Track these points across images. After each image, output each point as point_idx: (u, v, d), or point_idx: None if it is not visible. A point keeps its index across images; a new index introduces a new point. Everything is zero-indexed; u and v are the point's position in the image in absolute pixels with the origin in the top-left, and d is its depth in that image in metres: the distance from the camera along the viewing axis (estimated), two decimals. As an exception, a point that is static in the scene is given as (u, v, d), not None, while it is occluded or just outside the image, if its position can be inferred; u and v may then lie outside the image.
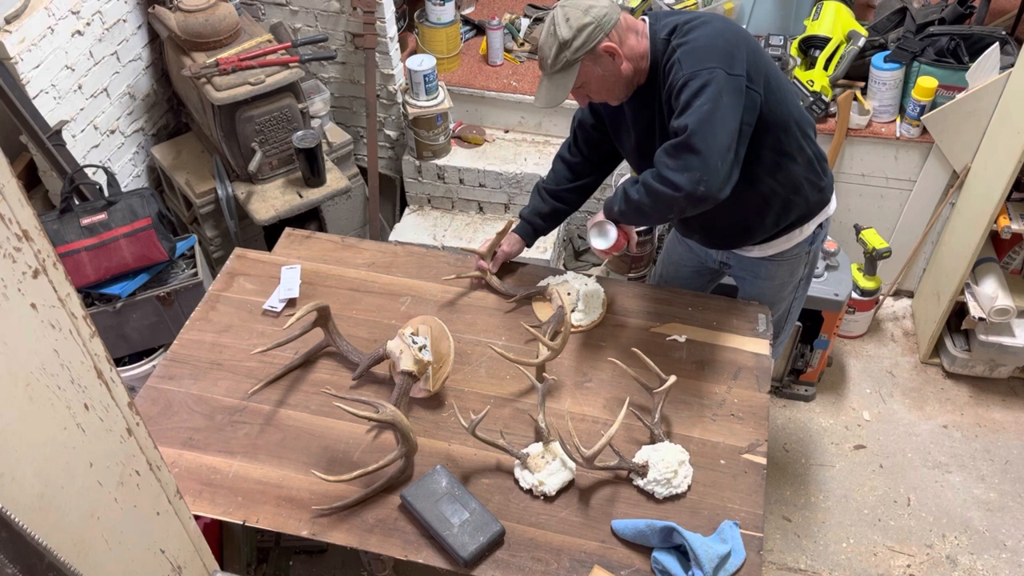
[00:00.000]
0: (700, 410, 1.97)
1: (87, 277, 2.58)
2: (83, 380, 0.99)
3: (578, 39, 1.81)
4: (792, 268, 2.23)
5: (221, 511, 1.79)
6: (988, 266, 3.04)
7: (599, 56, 1.84)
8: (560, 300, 2.09)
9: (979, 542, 2.77)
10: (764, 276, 2.24)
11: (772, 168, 1.97)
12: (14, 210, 0.84)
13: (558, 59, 1.83)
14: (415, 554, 1.71)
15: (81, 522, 1.02)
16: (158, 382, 2.06)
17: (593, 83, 1.89)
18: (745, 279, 2.30)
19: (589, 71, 1.86)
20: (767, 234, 2.12)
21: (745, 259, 2.23)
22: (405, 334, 2.00)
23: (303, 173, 2.94)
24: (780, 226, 2.10)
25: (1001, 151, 2.77)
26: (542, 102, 1.91)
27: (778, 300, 2.29)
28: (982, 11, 3.04)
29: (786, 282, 2.27)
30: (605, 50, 1.83)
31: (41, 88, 2.60)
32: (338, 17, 3.18)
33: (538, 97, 1.92)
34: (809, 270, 2.28)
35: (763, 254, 2.18)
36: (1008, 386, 3.24)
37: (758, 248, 2.17)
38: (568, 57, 1.82)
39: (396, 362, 1.96)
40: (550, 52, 1.83)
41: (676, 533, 1.66)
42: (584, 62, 1.84)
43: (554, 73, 1.86)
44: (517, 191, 3.30)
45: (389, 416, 1.74)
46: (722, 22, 1.86)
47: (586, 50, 1.82)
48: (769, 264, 2.20)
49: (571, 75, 1.85)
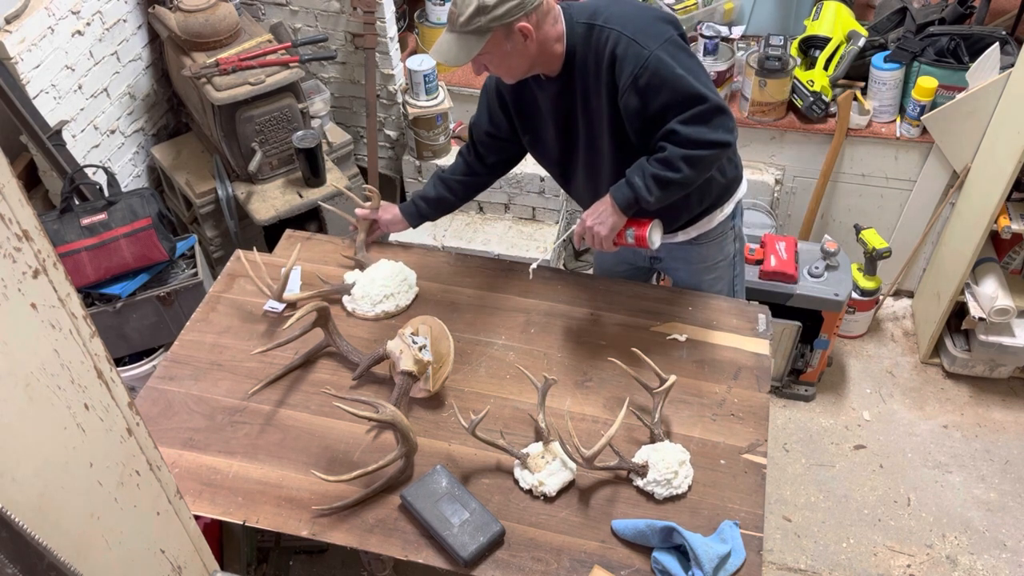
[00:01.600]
0: (700, 410, 1.97)
1: (87, 277, 2.58)
2: (83, 380, 0.99)
3: (499, 9, 1.76)
4: (720, 245, 2.23)
5: (221, 511, 1.79)
6: (988, 266, 3.04)
7: (512, 32, 1.80)
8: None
9: (979, 542, 2.77)
10: (696, 260, 2.24)
11: None
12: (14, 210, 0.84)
13: (472, 21, 1.77)
14: (415, 554, 1.71)
15: (81, 522, 1.02)
16: (158, 382, 2.06)
17: (496, 56, 1.84)
18: (678, 269, 2.30)
19: (498, 43, 1.81)
20: (692, 214, 2.11)
21: (674, 247, 2.21)
22: (405, 334, 2.00)
23: (303, 173, 2.94)
24: (703, 205, 2.11)
25: (1001, 151, 2.77)
26: (441, 57, 1.85)
27: (716, 280, 2.29)
28: (982, 11, 3.04)
29: (718, 261, 2.26)
30: (520, 29, 1.80)
31: (41, 88, 2.60)
32: (338, 17, 3.18)
33: (439, 51, 1.86)
34: (740, 244, 2.30)
35: (688, 237, 2.17)
36: (1008, 386, 3.24)
37: (683, 232, 2.17)
38: (482, 23, 1.77)
39: (396, 362, 1.96)
40: (465, 10, 1.77)
41: (676, 533, 1.66)
42: (496, 32, 1.79)
43: (463, 32, 1.80)
44: (517, 191, 3.30)
45: (389, 416, 1.74)
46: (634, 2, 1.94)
47: (502, 22, 1.78)
48: (699, 248, 2.20)
49: (480, 41, 1.80)
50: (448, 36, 1.84)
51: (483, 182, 2.28)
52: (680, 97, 1.81)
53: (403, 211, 2.28)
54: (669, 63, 1.80)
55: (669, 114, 1.83)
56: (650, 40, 1.81)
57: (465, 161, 2.24)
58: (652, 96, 1.82)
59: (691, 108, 1.81)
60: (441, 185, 2.25)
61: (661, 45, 1.81)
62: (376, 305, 2.19)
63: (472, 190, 2.29)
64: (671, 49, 1.82)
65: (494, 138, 2.17)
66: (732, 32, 3.35)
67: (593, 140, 2.00)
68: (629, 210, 1.92)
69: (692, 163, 1.84)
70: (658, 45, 1.80)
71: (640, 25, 1.84)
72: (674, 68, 1.80)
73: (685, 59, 1.84)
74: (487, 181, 2.29)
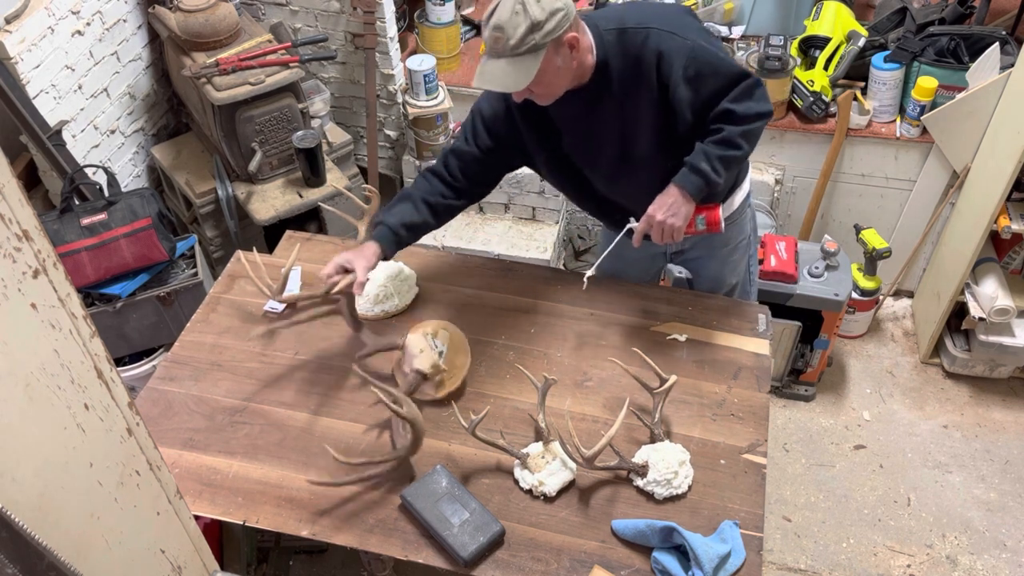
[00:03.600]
0: (700, 410, 1.97)
1: (87, 277, 2.58)
2: (83, 380, 0.99)
3: (550, 22, 1.72)
4: (741, 225, 2.25)
5: (221, 511, 1.79)
6: (988, 266, 3.04)
7: (561, 45, 1.77)
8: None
9: (979, 542, 2.77)
10: (719, 244, 2.25)
11: None
12: (14, 210, 0.84)
13: (525, 40, 1.72)
14: (415, 554, 1.71)
15: (81, 522, 1.02)
16: (159, 383, 2.06)
17: (548, 75, 1.79)
18: (700, 257, 2.30)
19: (550, 59, 1.77)
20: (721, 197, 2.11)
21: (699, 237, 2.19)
22: (428, 334, 1.99)
23: (303, 173, 2.94)
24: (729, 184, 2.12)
25: (1001, 151, 2.77)
26: (496, 85, 1.78)
27: (736, 265, 2.31)
28: (982, 11, 3.04)
29: (739, 241, 2.28)
30: (568, 41, 1.77)
31: (41, 88, 2.60)
32: (338, 17, 3.18)
33: (491, 80, 1.78)
34: (754, 222, 2.33)
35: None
36: (1008, 386, 3.24)
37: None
38: (537, 40, 1.72)
39: (410, 358, 1.95)
40: (515, 32, 1.71)
41: (676, 533, 1.66)
42: (548, 48, 1.75)
43: (516, 55, 1.74)
44: (517, 191, 3.30)
45: (408, 413, 1.73)
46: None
47: (554, 36, 1.74)
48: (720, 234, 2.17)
49: (536, 59, 1.74)
50: (497, 63, 1.76)
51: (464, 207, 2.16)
52: (727, 79, 1.87)
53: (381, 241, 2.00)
54: (710, 50, 1.86)
55: (719, 97, 1.88)
56: (687, 31, 1.86)
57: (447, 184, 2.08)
58: (702, 84, 1.86)
59: (737, 86, 1.87)
60: (426, 208, 2.05)
61: (697, 34, 1.87)
62: (376, 305, 2.19)
63: (453, 215, 2.14)
64: (705, 36, 1.89)
65: (483, 163, 2.06)
66: (732, 32, 3.35)
67: (627, 145, 1.97)
68: (699, 196, 1.93)
69: (748, 137, 1.91)
70: (694, 34, 1.86)
71: (672, 20, 1.88)
72: (716, 53, 1.87)
73: (715, 43, 1.92)
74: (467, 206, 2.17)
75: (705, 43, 1.86)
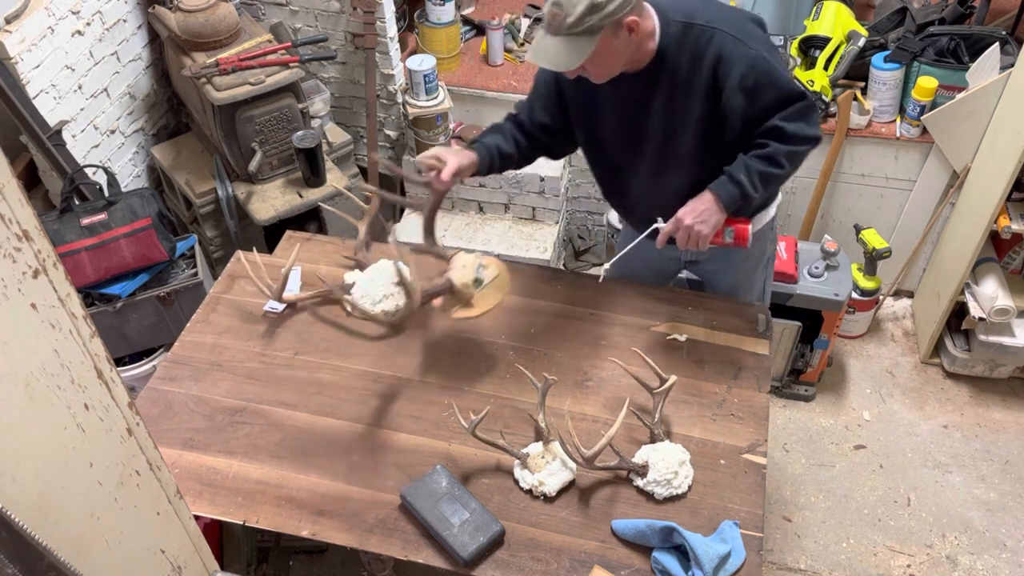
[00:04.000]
0: (700, 410, 1.97)
1: (87, 277, 2.58)
2: (83, 380, 0.99)
3: (611, 5, 1.69)
4: (762, 244, 2.23)
5: (221, 511, 1.79)
6: (988, 266, 3.04)
7: (620, 28, 1.74)
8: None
9: (979, 542, 2.77)
10: (738, 261, 2.23)
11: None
12: (14, 210, 0.84)
13: (583, 21, 1.69)
14: (415, 554, 1.71)
15: (81, 522, 1.02)
16: (159, 383, 2.06)
17: (603, 55, 1.77)
18: (716, 271, 2.28)
19: (606, 41, 1.74)
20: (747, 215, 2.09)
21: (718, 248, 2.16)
22: (480, 262, 2.03)
23: (303, 173, 2.94)
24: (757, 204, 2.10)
25: (1001, 151, 2.77)
26: (548, 62, 1.76)
27: (752, 284, 2.30)
28: (982, 11, 3.04)
29: (757, 262, 2.27)
30: (628, 24, 1.74)
31: (41, 88, 2.60)
32: (338, 17, 3.18)
33: (543, 56, 1.76)
34: (774, 245, 2.32)
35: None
36: (1008, 386, 3.24)
37: None
38: (594, 22, 1.69)
39: (451, 268, 2.01)
40: (574, 11, 1.68)
41: (676, 533, 1.66)
42: (605, 30, 1.72)
43: (571, 35, 1.71)
44: (517, 191, 3.30)
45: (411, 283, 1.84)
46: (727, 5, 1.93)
47: (613, 19, 1.70)
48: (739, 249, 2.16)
49: (591, 41, 1.72)
50: (552, 40, 1.75)
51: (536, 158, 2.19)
52: (783, 96, 1.85)
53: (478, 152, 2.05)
54: (772, 63, 1.84)
55: (772, 112, 1.86)
56: (754, 40, 1.83)
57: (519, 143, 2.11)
58: (758, 96, 1.84)
59: (792, 105, 1.85)
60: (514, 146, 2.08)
61: (762, 45, 1.84)
62: (376, 305, 2.19)
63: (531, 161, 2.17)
64: (768, 48, 1.87)
65: (548, 130, 2.10)
66: (732, 32, 3.34)
67: (669, 139, 1.96)
68: (732, 207, 1.91)
69: (793, 159, 1.89)
70: (760, 45, 1.84)
71: (741, 26, 1.85)
72: (776, 67, 1.84)
73: (778, 59, 1.88)
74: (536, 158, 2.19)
75: (768, 55, 1.83)
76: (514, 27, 3.46)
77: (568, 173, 3.39)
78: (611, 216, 3.07)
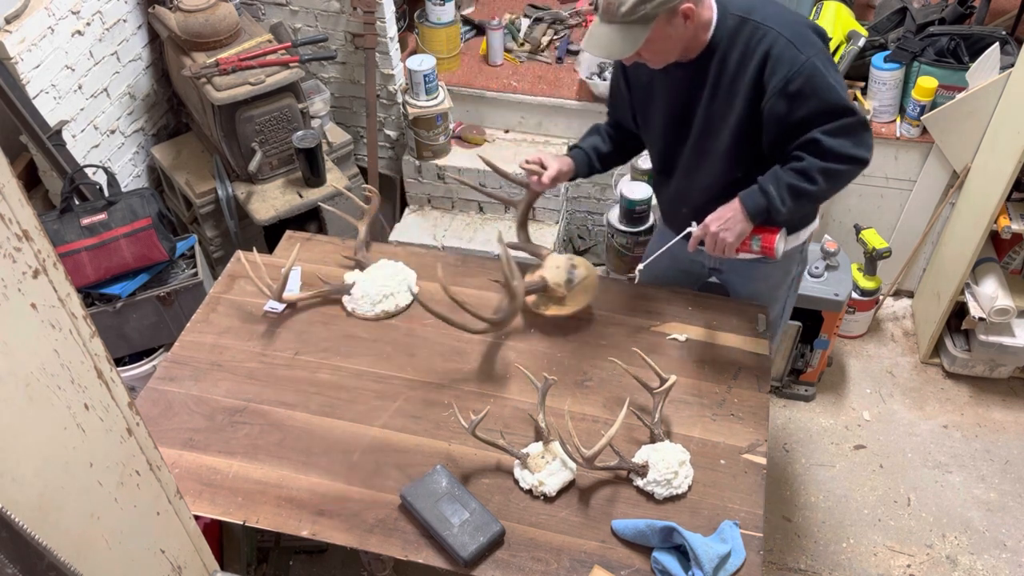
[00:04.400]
0: (700, 410, 1.97)
1: (87, 277, 2.58)
2: (83, 380, 0.99)
3: None
4: (787, 267, 2.22)
5: (221, 511, 1.79)
6: (988, 266, 3.04)
7: (675, 15, 1.73)
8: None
9: (979, 542, 2.77)
10: (759, 278, 2.22)
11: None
12: (14, 210, 0.84)
13: (636, 9, 1.69)
14: (415, 554, 1.71)
15: (81, 522, 1.02)
16: (159, 383, 2.06)
17: (657, 43, 1.77)
18: (739, 283, 2.27)
19: (661, 29, 1.74)
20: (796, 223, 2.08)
21: (739, 262, 2.18)
22: (572, 263, 2.12)
23: (303, 173, 2.94)
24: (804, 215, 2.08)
25: (1001, 151, 2.77)
26: (601, 51, 1.77)
27: (772, 300, 2.27)
28: (982, 11, 3.04)
29: (780, 282, 2.25)
30: (684, 11, 1.73)
31: (41, 88, 2.60)
32: (338, 17, 3.18)
33: (596, 45, 1.78)
34: (801, 268, 2.28)
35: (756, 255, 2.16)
36: (1008, 386, 3.24)
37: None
38: (648, 10, 1.69)
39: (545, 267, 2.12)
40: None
41: (676, 533, 1.66)
42: (660, 18, 1.72)
43: (625, 23, 1.72)
44: (517, 191, 3.29)
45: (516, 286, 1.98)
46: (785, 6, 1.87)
47: (666, 7, 1.70)
48: (764, 265, 2.18)
49: (645, 29, 1.72)
50: (606, 28, 1.75)
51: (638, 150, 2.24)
52: (828, 107, 1.78)
53: (576, 159, 2.15)
54: (823, 72, 1.77)
55: (813, 124, 1.80)
56: (807, 46, 1.77)
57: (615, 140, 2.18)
58: (800, 103, 1.79)
59: (837, 120, 1.78)
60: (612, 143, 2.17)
61: (816, 53, 1.77)
62: (376, 305, 2.19)
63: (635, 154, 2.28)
64: (824, 59, 1.79)
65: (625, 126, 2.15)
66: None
67: (707, 134, 1.94)
68: (758, 218, 1.89)
69: (829, 176, 1.82)
70: (814, 53, 1.77)
71: (797, 30, 1.79)
72: (826, 77, 1.77)
73: (834, 71, 1.81)
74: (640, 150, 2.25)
75: (821, 64, 1.77)
76: (514, 27, 3.46)
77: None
78: (611, 216, 3.07)
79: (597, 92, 3.17)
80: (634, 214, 2.92)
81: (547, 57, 3.40)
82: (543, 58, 3.40)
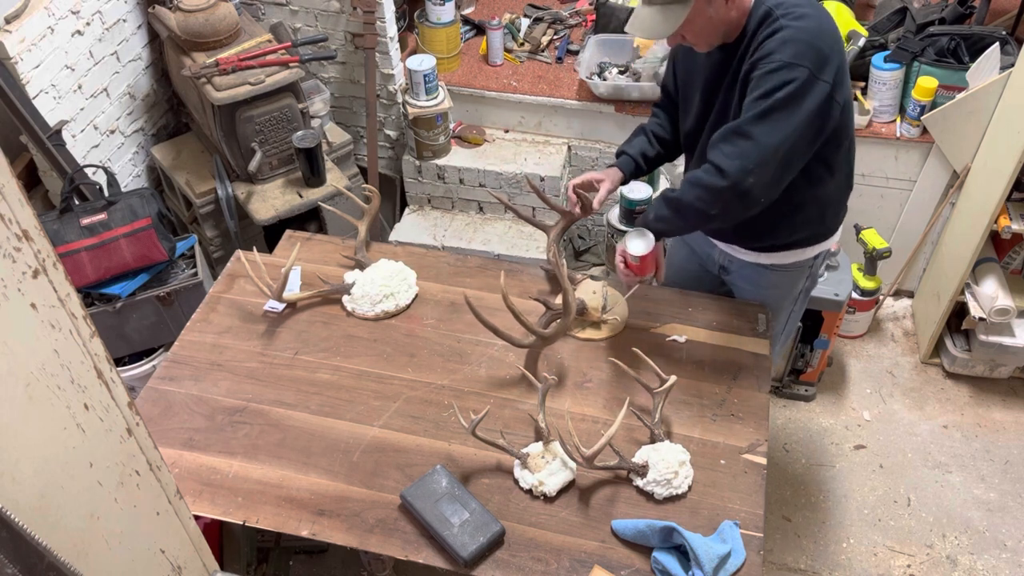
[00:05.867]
0: (700, 410, 1.97)
1: (87, 277, 2.58)
2: (83, 380, 0.99)
3: None
4: (793, 280, 2.21)
5: (221, 511, 1.79)
6: (988, 266, 3.04)
7: None
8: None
9: (979, 542, 2.77)
10: (765, 285, 2.21)
11: (814, 179, 1.94)
12: (14, 210, 0.84)
13: None
14: (415, 554, 1.71)
15: (81, 522, 1.02)
16: (158, 383, 2.06)
17: (697, 23, 1.77)
18: (745, 288, 2.26)
19: (701, 10, 1.75)
20: (776, 242, 2.08)
21: (745, 264, 2.19)
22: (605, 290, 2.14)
23: (303, 173, 2.94)
24: (791, 239, 2.08)
25: (1001, 151, 2.77)
26: (643, 32, 1.79)
27: (778, 310, 2.26)
28: (982, 11, 3.04)
29: (787, 293, 2.24)
30: None
31: (41, 88, 2.60)
32: (338, 17, 3.18)
33: (639, 26, 1.80)
34: (810, 284, 2.26)
35: (758, 260, 2.15)
36: (1008, 386, 3.24)
37: (755, 254, 2.14)
38: None
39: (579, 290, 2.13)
40: None
41: (676, 533, 1.66)
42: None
43: (665, 3, 1.74)
44: (517, 191, 3.30)
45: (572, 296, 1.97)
46: (828, 20, 1.80)
47: None
48: (770, 273, 2.17)
49: (684, 9, 1.73)
50: (647, 10, 1.78)
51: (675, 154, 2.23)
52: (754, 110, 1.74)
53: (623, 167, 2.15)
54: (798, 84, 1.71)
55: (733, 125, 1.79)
56: (804, 57, 1.72)
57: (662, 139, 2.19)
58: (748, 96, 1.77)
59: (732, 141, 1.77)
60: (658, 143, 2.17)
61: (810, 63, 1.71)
62: (376, 305, 2.19)
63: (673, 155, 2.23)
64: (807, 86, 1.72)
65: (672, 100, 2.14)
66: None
67: (720, 120, 1.93)
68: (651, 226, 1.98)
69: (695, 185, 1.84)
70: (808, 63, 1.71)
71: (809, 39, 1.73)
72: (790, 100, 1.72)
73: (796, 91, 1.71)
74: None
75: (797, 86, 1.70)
76: (514, 27, 3.46)
77: (568, 173, 3.39)
78: (611, 216, 3.07)
79: (597, 92, 3.17)
80: (634, 214, 2.92)
81: (547, 57, 3.40)
82: (543, 58, 3.40)
